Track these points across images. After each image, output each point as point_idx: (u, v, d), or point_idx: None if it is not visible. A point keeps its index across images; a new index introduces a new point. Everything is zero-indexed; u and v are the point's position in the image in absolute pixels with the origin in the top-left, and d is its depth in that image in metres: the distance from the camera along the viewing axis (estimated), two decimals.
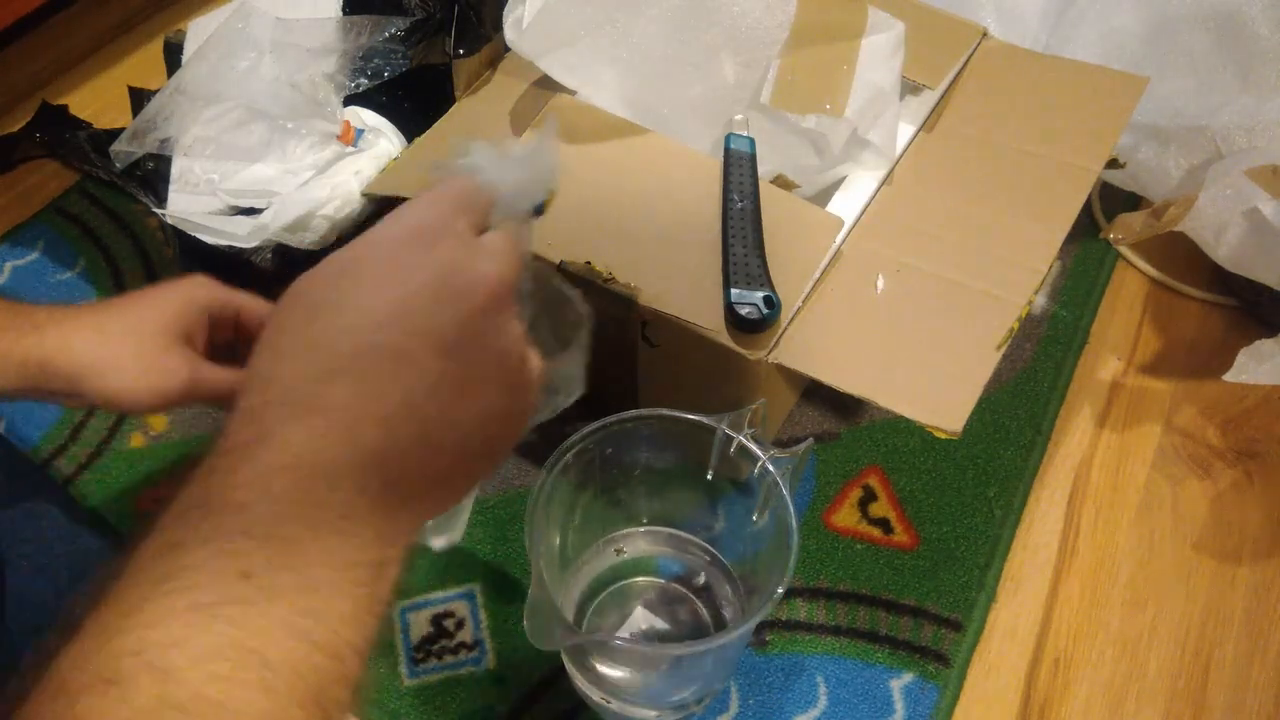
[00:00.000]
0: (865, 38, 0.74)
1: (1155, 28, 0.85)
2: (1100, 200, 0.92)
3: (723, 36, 0.71)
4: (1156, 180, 0.85)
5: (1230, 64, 0.82)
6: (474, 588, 0.69)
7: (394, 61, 0.78)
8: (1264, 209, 0.73)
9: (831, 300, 0.64)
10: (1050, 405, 0.80)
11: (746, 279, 0.61)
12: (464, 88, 0.77)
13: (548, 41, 0.69)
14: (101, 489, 0.73)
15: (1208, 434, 0.79)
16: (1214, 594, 0.71)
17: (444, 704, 0.64)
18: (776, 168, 0.71)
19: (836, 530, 0.72)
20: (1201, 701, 0.67)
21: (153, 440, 0.76)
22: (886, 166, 0.72)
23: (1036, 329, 0.84)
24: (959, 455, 0.76)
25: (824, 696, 0.65)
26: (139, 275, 0.85)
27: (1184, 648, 0.69)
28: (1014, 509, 0.74)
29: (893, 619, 0.68)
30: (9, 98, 1.02)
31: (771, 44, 0.72)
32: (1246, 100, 0.81)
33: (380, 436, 0.31)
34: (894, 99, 0.73)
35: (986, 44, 0.81)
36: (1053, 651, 0.68)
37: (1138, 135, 0.84)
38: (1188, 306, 0.88)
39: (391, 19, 0.78)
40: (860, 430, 0.77)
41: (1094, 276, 0.88)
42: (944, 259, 0.67)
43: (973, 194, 0.71)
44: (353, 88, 0.78)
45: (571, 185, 0.68)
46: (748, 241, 0.63)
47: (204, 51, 0.77)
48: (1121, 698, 0.67)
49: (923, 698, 0.65)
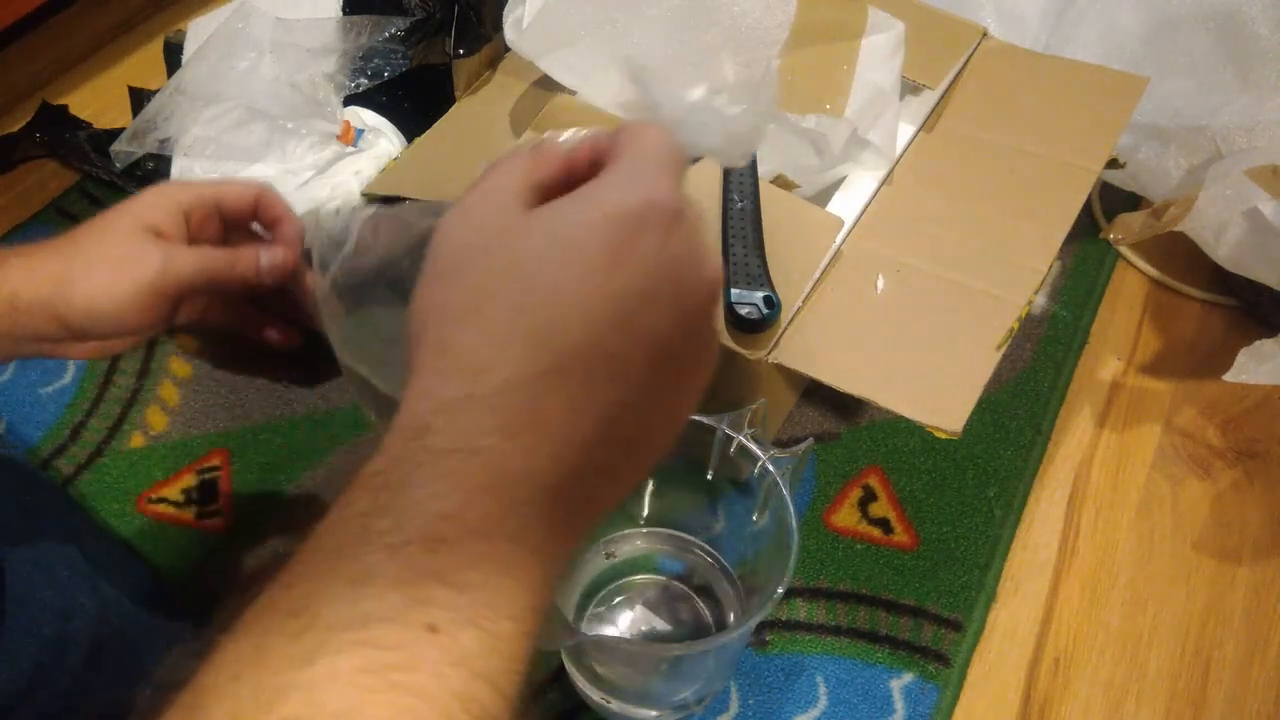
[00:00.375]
0: (865, 38, 0.74)
1: (1155, 28, 0.85)
2: (1100, 200, 0.92)
3: (723, 36, 0.71)
4: (1156, 180, 0.85)
5: (1230, 64, 0.82)
6: None
7: (394, 61, 0.78)
8: (1264, 209, 0.73)
9: (831, 300, 0.64)
10: (1050, 405, 0.80)
11: (746, 279, 0.61)
12: (464, 88, 0.77)
13: (548, 41, 0.69)
14: (101, 489, 0.73)
15: (1208, 434, 0.79)
16: (1214, 594, 0.71)
17: None
18: (776, 168, 0.71)
19: (836, 530, 0.72)
20: (1201, 701, 0.67)
21: (153, 440, 0.76)
22: (886, 166, 0.72)
23: (1036, 329, 0.84)
24: (959, 455, 0.76)
25: (824, 696, 0.65)
26: None
27: (1184, 648, 0.69)
28: (1014, 509, 0.74)
29: (893, 619, 0.68)
30: (9, 98, 1.02)
31: (771, 44, 0.72)
32: (1246, 100, 0.81)
33: (582, 461, 0.28)
34: (894, 99, 0.73)
35: (986, 44, 0.81)
36: (1053, 651, 0.68)
37: (1138, 135, 0.84)
38: (1188, 306, 0.88)
39: (391, 19, 0.78)
40: (860, 430, 0.77)
41: (1094, 276, 0.88)
42: (944, 259, 0.67)
43: (973, 194, 0.71)
44: (353, 88, 0.78)
45: None
46: (748, 241, 0.63)
47: (204, 51, 0.77)
48: (1121, 698, 0.67)
49: (923, 698, 0.65)
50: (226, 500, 0.72)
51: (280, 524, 0.71)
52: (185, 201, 0.52)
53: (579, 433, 0.28)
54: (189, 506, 0.72)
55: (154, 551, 0.70)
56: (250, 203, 0.55)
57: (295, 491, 0.73)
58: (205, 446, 0.75)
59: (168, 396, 0.78)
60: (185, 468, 0.74)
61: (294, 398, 0.78)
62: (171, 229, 0.51)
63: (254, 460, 0.74)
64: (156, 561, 0.69)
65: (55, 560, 0.61)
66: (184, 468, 0.74)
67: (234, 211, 0.54)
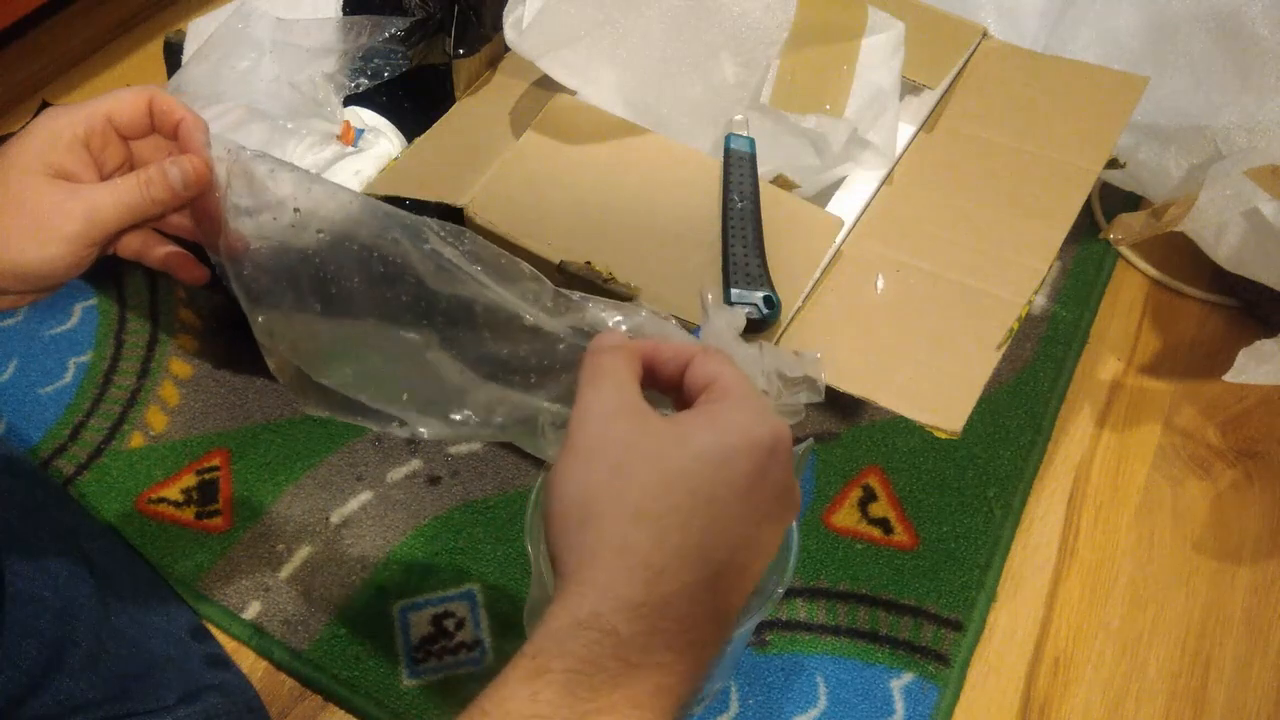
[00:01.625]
0: (865, 38, 0.74)
1: (1155, 28, 0.85)
2: (1100, 200, 0.92)
3: (723, 36, 0.71)
4: (1156, 180, 0.85)
5: (1230, 64, 0.82)
6: (474, 588, 0.69)
7: (394, 61, 0.78)
8: (1264, 209, 0.73)
9: (831, 300, 0.64)
10: (1050, 405, 0.80)
11: (746, 279, 0.61)
12: (464, 88, 0.77)
13: (548, 41, 0.69)
14: (101, 489, 0.73)
15: (1208, 434, 0.79)
16: (1214, 594, 0.71)
17: (444, 704, 0.64)
18: (776, 168, 0.71)
19: (836, 530, 0.72)
20: (1201, 701, 0.67)
21: (153, 440, 0.76)
22: (886, 166, 0.72)
23: (1036, 329, 0.84)
24: (959, 455, 0.76)
25: (824, 696, 0.65)
26: (139, 275, 0.85)
27: (1184, 648, 0.69)
28: (1014, 509, 0.74)
29: (893, 619, 0.68)
30: (9, 98, 1.02)
31: (771, 44, 0.72)
32: (1246, 100, 0.81)
33: (703, 665, 0.34)
34: (894, 99, 0.73)
35: (986, 44, 0.81)
36: (1053, 651, 0.68)
37: (1138, 135, 0.84)
38: (1188, 306, 0.88)
39: (391, 19, 0.78)
40: (860, 430, 0.77)
41: (1094, 276, 0.88)
42: (944, 259, 0.67)
43: (972, 194, 0.71)
44: (353, 88, 0.78)
45: (571, 185, 0.68)
46: (748, 241, 0.63)
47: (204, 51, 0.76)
48: (1121, 698, 0.67)
49: (923, 698, 0.65)
50: (226, 500, 0.72)
51: (280, 524, 0.71)
52: (80, 131, 0.48)
53: (710, 639, 0.34)
54: (189, 506, 0.72)
55: (154, 551, 0.70)
56: (144, 111, 0.50)
57: (295, 491, 0.73)
58: (205, 446, 0.75)
59: (168, 396, 0.78)
60: (185, 468, 0.74)
61: (294, 398, 0.77)
62: (79, 166, 0.48)
63: (254, 460, 0.74)
64: (156, 561, 0.69)
65: (55, 560, 0.61)
66: (184, 468, 0.74)
67: (129, 126, 0.50)
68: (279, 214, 0.47)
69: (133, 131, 0.50)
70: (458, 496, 0.73)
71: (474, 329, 0.45)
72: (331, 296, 0.47)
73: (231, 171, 0.48)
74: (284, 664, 0.66)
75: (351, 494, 0.73)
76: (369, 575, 0.69)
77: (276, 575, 0.69)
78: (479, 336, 0.45)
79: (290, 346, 0.49)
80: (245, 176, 0.48)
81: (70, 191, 0.47)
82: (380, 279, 0.46)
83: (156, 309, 0.84)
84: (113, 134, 0.50)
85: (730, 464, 0.34)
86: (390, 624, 0.67)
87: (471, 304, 0.45)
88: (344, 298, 0.47)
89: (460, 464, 0.75)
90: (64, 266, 0.47)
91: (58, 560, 0.61)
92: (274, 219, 0.47)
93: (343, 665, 0.65)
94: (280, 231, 0.47)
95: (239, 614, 0.67)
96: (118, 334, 0.82)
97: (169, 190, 0.48)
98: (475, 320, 0.45)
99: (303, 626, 0.67)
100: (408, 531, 0.71)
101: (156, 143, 0.52)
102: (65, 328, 0.82)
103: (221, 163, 0.48)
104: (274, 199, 0.47)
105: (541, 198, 0.67)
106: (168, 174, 0.48)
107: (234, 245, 0.48)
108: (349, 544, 0.71)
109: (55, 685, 0.56)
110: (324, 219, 0.47)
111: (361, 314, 0.47)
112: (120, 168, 0.51)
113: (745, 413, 0.36)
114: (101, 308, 0.83)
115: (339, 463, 0.75)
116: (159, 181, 0.48)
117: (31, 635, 0.56)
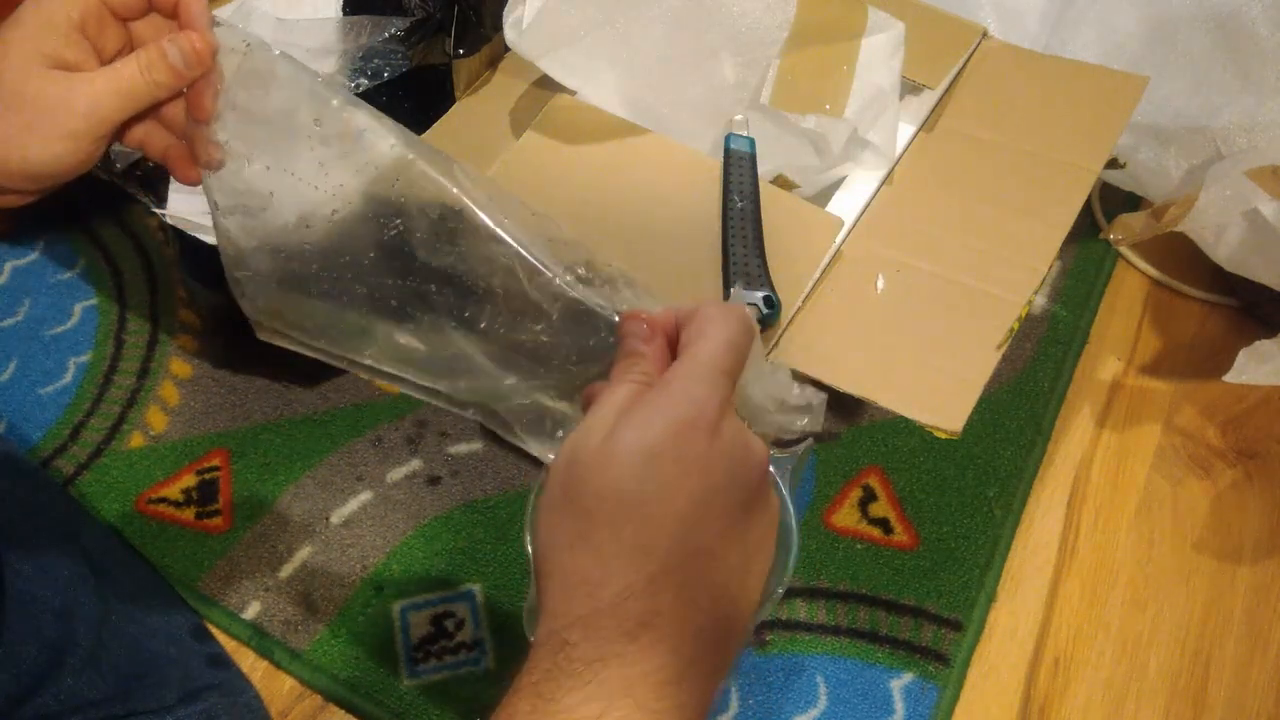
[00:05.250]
0: (865, 38, 0.74)
1: (1155, 28, 0.85)
2: (1100, 200, 0.92)
3: (723, 36, 0.71)
4: (1156, 180, 0.85)
5: (1230, 64, 0.82)
6: (474, 588, 0.69)
7: (394, 61, 0.78)
8: (1264, 209, 0.73)
9: (831, 300, 0.64)
10: (1050, 405, 0.80)
11: (746, 279, 0.61)
12: (464, 88, 0.77)
13: (548, 41, 0.69)
14: (101, 489, 0.73)
15: (1208, 434, 0.79)
16: (1214, 594, 0.71)
17: (444, 704, 0.64)
18: (776, 168, 0.71)
19: (836, 530, 0.72)
20: (1201, 701, 0.67)
21: (153, 440, 0.76)
22: (886, 166, 0.72)
23: (1036, 329, 0.84)
24: (959, 455, 0.76)
25: (824, 696, 0.65)
26: (139, 275, 0.85)
27: (1184, 648, 0.69)
28: (1014, 509, 0.74)
29: (893, 619, 0.68)
30: None
31: (771, 44, 0.72)
32: (1246, 100, 0.81)
33: (695, 643, 0.34)
34: (894, 99, 0.73)
35: (986, 44, 0.81)
36: (1053, 651, 0.68)
37: (1138, 135, 0.84)
38: (1188, 306, 0.88)
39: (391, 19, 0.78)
40: (860, 430, 0.77)
41: (1094, 276, 0.88)
42: (944, 259, 0.67)
43: (972, 194, 0.71)
44: (353, 88, 0.78)
45: (572, 185, 0.68)
46: (748, 241, 0.63)
47: None
48: (1121, 698, 0.67)
49: (923, 698, 0.65)
50: (226, 500, 0.72)
51: (280, 524, 0.71)
52: (75, 15, 0.46)
53: (690, 622, 0.34)
54: (189, 506, 0.72)
55: (154, 551, 0.70)
56: None
57: (295, 491, 0.73)
58: (205, 446, 0.75)
59: (168, 396, 0.78)
60: (185, 468, 0.74)
61: (294, 398, 0.78)
62: (78, 54, 0.46)
63: (254, 460, 0.74)
64: (156, 561, 0.69)
65: (55, 560, 0.61)
66: (184, 468, 0.74)
67: (125, 5, 0.47)
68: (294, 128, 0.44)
69: (129, 11, 0.47)
70: (458, 496, 0.73)
71: (478, 302, 0.44)
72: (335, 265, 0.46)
73: (242, 67, 0.44)
74: (284, 664, 0.66)
75: (351, 494, 0.73)
76: (369, 575, 0.69)
77: (276, 575, 0.69)
78: (480, 309, 0.45)
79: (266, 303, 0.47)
80: (259, 78, 0.44)
81: (70, 84, 0.45)
82: (391, 245, 0.45)
83: (156, 309, 0.83)
84: (108, 15, 0.47)
85: (652, 459, 0.34)
86: (390, 624, 0.67)
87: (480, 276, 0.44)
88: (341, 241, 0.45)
89: (460, 464, 0.75)
90: (72, 164, 0.46)
91: (58, 560, 0.61)
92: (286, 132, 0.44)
93: (343, 665, 0.65)
94: None
95: (239, 614, 0.67)
96: (118, 334, 0.82)
97: (170, 71, 0.45)
98: (480, 294, 0.44)
99: (303, 626, 0.67)
100: (408, 531, 0.71)
101: (156, 22, 0.49)
102: (65, 328, 0.82)
103: (232, 54, 0.44)
104: (289, 110, 0.44)
105: (541, 198, 0.67)
106: (167, 53, 0.45)
107: (210, 154, 0.46)
108: (349, 544, 0.71)
109: (55, 685, 0.56)
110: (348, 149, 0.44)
111: (359, 277, 0.46)
112: (120, 52, 0.48)
113: (668, 397, 0.36)
114: (101, 308, 0.83)
115: (339, 463, 0.75)
116: (159, 63, 0.45)
117: (32, 635, 0.56)
